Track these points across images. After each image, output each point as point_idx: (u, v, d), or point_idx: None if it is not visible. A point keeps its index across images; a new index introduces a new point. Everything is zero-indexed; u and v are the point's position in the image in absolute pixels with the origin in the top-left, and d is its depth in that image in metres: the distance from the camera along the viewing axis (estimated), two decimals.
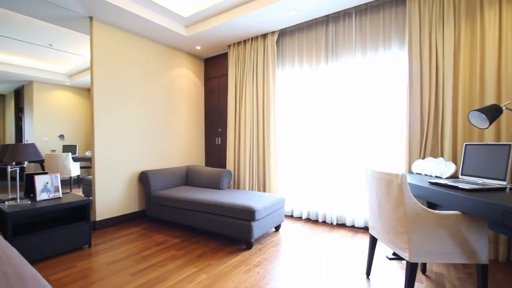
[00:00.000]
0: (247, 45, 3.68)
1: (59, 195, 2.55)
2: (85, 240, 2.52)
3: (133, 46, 3.43)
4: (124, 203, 3.33)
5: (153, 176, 3.33)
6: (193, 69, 4.29)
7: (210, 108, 4.41)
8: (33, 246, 2.18)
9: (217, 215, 2.65)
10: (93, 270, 2.12)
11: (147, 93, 3.59)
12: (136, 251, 2.48)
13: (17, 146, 2.23)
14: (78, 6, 2.78)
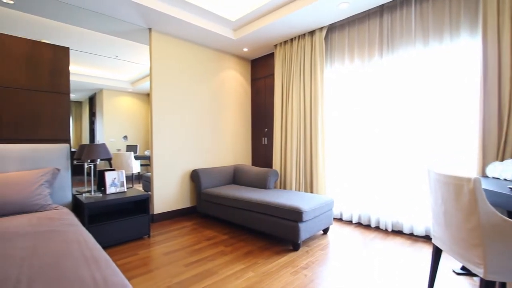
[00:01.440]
0: (293, 44, 3.63)
1: (124, 189, 2.85)
2: (145, 231, 2.77)
3: (186, 52, 3.66)
4: (178, 199, 3.57)
5: (203, 174, 3.51)
6: (240, 71, 4.40)
7: (257, 109, 4.47)
8: (103, 233, 2.47)
9: (264, 215, 2.66)
10: (152, 258, 2.32)
11: (198, 96, 3.80)
12: (188, 244, 2.63)
13: (92, 146, 2.56)
14: (140, 20, 3.08)
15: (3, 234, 1.53)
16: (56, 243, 1.39)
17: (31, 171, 2.19)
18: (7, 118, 2.29)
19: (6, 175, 2.06)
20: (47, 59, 2.49)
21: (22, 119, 2.36)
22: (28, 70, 2.39)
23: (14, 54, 2.33)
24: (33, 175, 2.16)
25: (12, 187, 2.00)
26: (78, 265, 1.14)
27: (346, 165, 3.28)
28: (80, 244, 1.37)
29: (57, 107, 2.54)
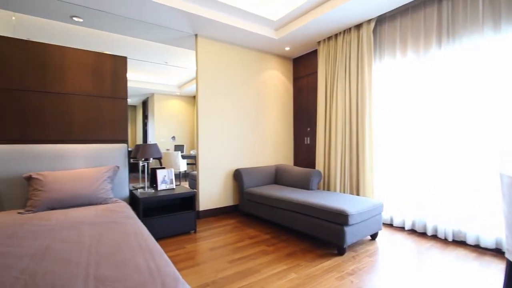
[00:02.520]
0: (338, 39, 3.48)
1: (173, 186, 3.05)
2: (191, 226, 2.91)
3: (229, 55, 3.77)
4: (221, 197, 3.69)
5: (245, 173, 3.57)
6: (282, 70, 4.38)
7: (299, 108, 4.40)
8: (155, 226, 2.66)
9: (307, 216, 2.60)
10: (198, 253, 2.43)
11: (241, 97, 3.88)
12: (231, 241, 2.70)
13: (145, 146, 2.79)
14: (187, 27, 3.26)
15: (76, 223, 1.75)
16: (117, 233, 1.54)
17: (96, 168, 2.46)
18: (77, 122, 2.61)
19: (77, 172, 2.35)
20: (108, 68, 2.78)
21: (89, 122, 2.67)
22: (94, 79, 2.70)
23: (83, 65, 2.65)
24: (98, 171, 2.42)
25: (82, 182, 2.27)
26: (136, 254, 1.24)
27: (397, 166, 3.03)
28: (137, 235, 1.50)
29: (116, 111, 2.82)
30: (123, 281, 0.99)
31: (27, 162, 2.28)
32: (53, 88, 2.50)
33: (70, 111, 2.57)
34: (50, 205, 2.11)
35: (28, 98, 2.39)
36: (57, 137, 2.52)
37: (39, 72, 2.44)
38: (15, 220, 1.80)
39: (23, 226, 1.67)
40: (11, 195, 2.19)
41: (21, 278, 1.01)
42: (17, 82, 2.35)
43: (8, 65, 2.32)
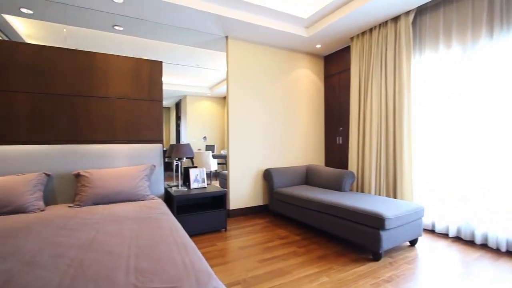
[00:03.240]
0: (373, 34, 3.32)
1: (204, 185, 3.14)
2: (222, 225, 2.97)
3: (259, 55, 3.78)
4: (251, 197, 3.72)
5: (275, 173, 3.56)
6: (313, 68, 4.29)
7: (331, 107, 4.27)
8: (187, 223, 2.75)
9: (339, 218, 2.52)
10: (229, 251, 2.47)
11: (271, 96, 3.88)
12: (261, 241, 2.70)
13: (179, 145, 2.90)
14: (218, 30, 3.34)
15: (117, 217, 1.88)
16: (154, 228, 1.62)
17: (135, 167, 2.62)
18: (118, 124, 2.80)
19: (118, 170, 2.52)
20: (146, 72, 2.94)
21: (128, 123, 2.85)
22: (133, 83, 2.88)
23: (124, 70, 2.83)
24: (136, 170, 2.58)
25: (122, 180, 2.43)
26: (171, 249, 1.29)
27: (440, 167, 2.80)
28: (172, 231, 1.56)
29: (153, 112, 2.97)
30: (160, 275, 1.04)
31: (76, 161, 2.50)
32: (98, 92, 2.71)
33: (112, 113, 2.77)
34: (95, 200, 2.29)
35: (77, 103, 2.62)
36: (101, 137, 2.72)
37: (86, 78, 2.66)
38: (66, 213, 1.99)
39: (72, 219, 1.84)
40: (63, 190, 2.42)
41: (72, 266, 1.11)
42: (68, 88, 2.58)
43: (61, 73, 2.56)
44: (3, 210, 1.97)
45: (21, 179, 2.14)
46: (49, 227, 1.65)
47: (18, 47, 2.42)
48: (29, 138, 2.44)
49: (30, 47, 2.47)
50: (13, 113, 2.38)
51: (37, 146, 2.41)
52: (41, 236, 1.49)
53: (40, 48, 2.50)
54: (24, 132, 2.42)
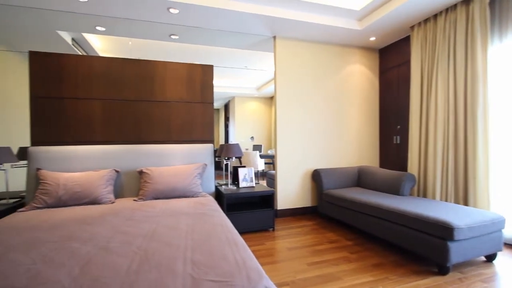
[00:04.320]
0: (438, 21, 2.97)
1: (253, 184, 3.19)
2: (270, 224, 2.98)
3: (307, 53, 3.70)
4: (299, 197, 3.66)
5: (325, 174, 3.43)
6: (366, 63, 4.02)
7: (387, 103, 3.96)
8: (236, 221, 2.83)
9: (398, 225, 2.31)
10: (277, 251, 2.47)
11: (321, 95, 3.76)
12: (310, 243, 2.63)
13: (228, 145, 3.01)
14: (266, 31, 3.37)
15: (174, 212, 2.03)
16: (206, 224, 1.70)
17: (189, 165, 2.79)
18: (174, 125, 3.03)
19: (174, 168, 2.72)
20: (198, 76, 3.12)
21: (183, 125, 3.06)
22: (187, 87, 3.08)
23: (179, 76, 3.05)
24: (190, 168, 2.75)
25: (178, 177, 2.62)
26: (223, 245, 1.34)
27: None
28: (223, 228, 1.62)
29: (204, 114, 3.14)
30: (214, 268, 1.08)
31: (139, 159, 2.78)
32: (157, 97, 2.96)
33: (169, 116, 3.00)
34: (155, 195, 2.51)
35: (140, 107, 2.91)
36: (159, 138, 2.98)
37: (148, 84, 2.94)
38: (132, 206, 2.22)
39: (137, 211, 2.04)
40: (129, 185, 2.71)
41: (138, 253, 1.23)
42: (132, 94, 2.89)
43: (126, 80, 2.88)
44: (82, 201, 2.29)
45: (97, 174, 2.46)
46: (118, 217, 1.86)
47: (94, 60, 2.80)
48: (103, 139, 2.79)
49: (103, 59, 2.83)
50: (91, 118, 2.76)
51: (108, 146, 2.74)
52: (112, 225, 1.69)
53: (111, 60, 2.84)
54: (99, 134, 2.78)
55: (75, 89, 2.71)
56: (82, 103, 2.73)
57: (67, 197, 2.25)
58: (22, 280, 1.00)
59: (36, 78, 2.61)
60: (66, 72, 2.69)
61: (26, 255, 1.22)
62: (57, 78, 2.66)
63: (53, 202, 2.22)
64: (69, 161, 2.56)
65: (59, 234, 1.51)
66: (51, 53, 2.65)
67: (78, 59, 2.75)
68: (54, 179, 2.31)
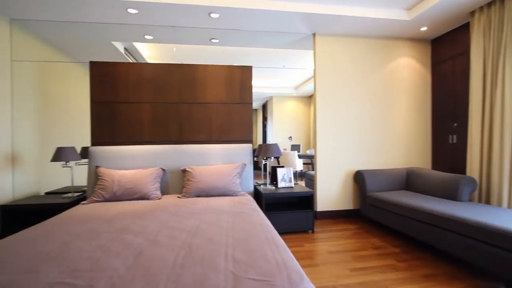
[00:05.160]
0: (507, 3, 2.60)
1: (291, 185, 3.15)
2: (309, 226, 2.91)
3: (349, 49, 3.54)
4: (340, 200, 3.51)
5: (368, 176, 3.25)
6: (415, 55, 3.71)
7: (441, 99, 3.60)
8: (275, 221, 2.82)
9: (454, 233, 2.08)
10: (317, 253, 2.40)
11: (363, 92, 3.57)
12: (352, 248, 2.51)
13: (267, 145, 3.01)
14: (305, 28, 3.30)
15: (215, 210, 2.09)
16: (246, 223, 1.73)
17: (229, 165, 2.86)
18: (215, 126, 3.13)
19: (215, 167, 2.81)
20: (237, 78, 3.18)
21: (223, 125, 3.15)
22: (227, 89, 3.16)
23: (219, 78, 3.15)
24: (230, 167, 2.82)
25: (218, 176, 2.70)
26: (262, 244, 1.34)
27: None
28: (262, 227, 1.63)
29: (243, 115, 3.19)
30: (254, 267, 1.09)
31: (182, 158, 2.93)
32: (199, 99, 3.10)
33: (209, 117, 3.12)
34: (197, 193, 2.62)
35: (183, 109, 3.07)
36: (201, 138, 3.10)
37: (190, 87, 3.08)
38: (176, 202, 2.35)
39: (181, 208, 2.15)
40: (173, 183, 2.88)
41: (183, 247, 1.30)
42: (176, 97, 3.06)
43: (171, 84, 3.05)
44: (133, 197, 2.50)
45: (145, 172, 2.65)
46: (165, 213, 1.99)
47: (143, 67, 3.03)
48: (150, 139, 3.01)
49: (151, 66, 3.05)
50: (141, 120, 2.99)
51: (155, 146, 2.94)
52: (159, 219, 1.81)
53: (157, 66, 3.05)
54: (147, 134, 3.00)
55: (127, 94, 2.96)
56: (133, 107, 2.97)
57: (120, 193, 2.47)
58: (86, 265, 1.12)
59: (95, 85, 2.91)
60: (120, 78, 2.95)
61: (88, 244, 1.36)
62: (112, 85, 2.94)
63: (109, 197, 2.45)
64: (122, 160, 2.80)
65: (115, 226, 1.66)
66: (107, 62, 2.94)
67: (130, 66, 3.00)
68: (110, 176, 2.55)
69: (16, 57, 3.00)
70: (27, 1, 2.62)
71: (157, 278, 1.01)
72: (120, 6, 2.75)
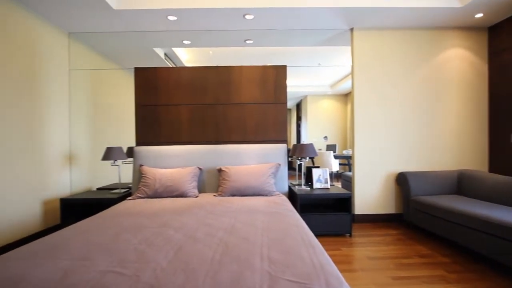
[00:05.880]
0: None
1: (327, 186, 3.05)
2: (346, 229, 2.79)
3: (389, 42, 3.33)
4: (380, 203, 3.31)
5: (413, 178, 3.01)
6: (468, 45, 3.35)
7: (501, 93, 3.21)
8: (310, 222, 2.74)
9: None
10: (355, 259, 2.29)
11: (406, 88, 3.33)
12: (394, 255, 2.35)
13: (303, 145, 2.96)
14: (342, 23, 3.19)
15: (250, 209, 2.11)
16: (281, 223, 1.71)
17: (263, 165, 2.87)
18: (249, 126, 3.16)
19: (249, 167, 2.84)
20: (271, 77, 3.18)
21: (257, 125, 3.17)
22: (261, 89, 3.17)
23: (254, 78, 3.17)
24: (265, 167, 2.82)
25: (253, 176, 2.72)
26: (298, 245, 1.31)
27: None
28: (298, 228, 1.60)
29: (278, 115, 3.17)
30: (291, 268, 1.07)
31: (218, 158, 3.01)
32: (234, 100, 3.15)
33: (244, 117, 3.16)
34: (232, 192, 2.67)
35: (219, 110, 3.15)
36: (235, 138, 3.16)
37: (225, 88, 3.16)
38: (212, 201, 2.42)
39: (217, 206, 2.21)
40: (209, 182, 2.97)
41: (220, 245, 1.33)
42: (212, 98, 3.15)
43: (207, 86, 3.16)
44: (172, 194, 2.63)
45: (184, 171, 2.77)
46: (202, 210, 2.05)
47: (181, 71, 3.18)
48: (188, 140, 3.14)
49: (189, 69, 3.19)
50: (179, 121, 3.13)
51: (193, 146, 3.07)
52: (197, 216, 1.88)
53: (195, 69, 3.17)
54: (185, 135, 3.14)
55: (167, 96, 3.13)
56: (172, 109, 3.13)
57: (161, 190, 2.62)
58: (132, 257, 1.20)
59: (139, 89, 3.13)
60: (161, 82, 3.14)
61: (134, 237, 1.46)
62: (154, 88, 3.13)
63: (152, 194, 2.61)
64: (163, 159, 2.97)
65: (157, 221, 1.76)
66: (149, 68, 3.14)
67: (169, 70, 3.17)
68: (152, 174, 2.72)
69: (73, 67, 3.35)
70: (83, 16, 2.90)
71: (196, 273, 1.04)
72: (161, 14, 2.91)
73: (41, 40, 2.87)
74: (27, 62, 2.68)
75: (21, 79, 2.60)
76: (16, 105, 2.53)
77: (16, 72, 2.54)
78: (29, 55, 2.70)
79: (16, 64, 2.55)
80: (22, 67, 2.62)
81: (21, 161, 2.58)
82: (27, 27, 2.69)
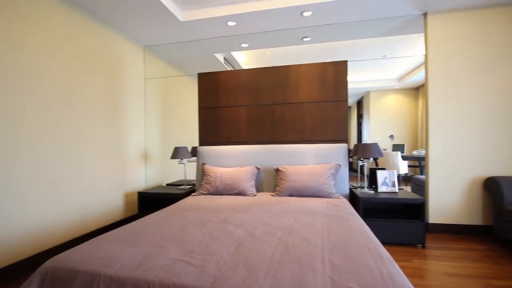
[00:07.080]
0: None
1: (395, 190, 2.77)
2: (419, 239, 2.49)
3: (472, 25, 2.84)
4: (461, 212, 2.86)
5: (507, 184, 2.52)
6: None
7: None
8: (374, 228, 2.53)
9: None
10: (430, 273, 2.02)
11: (496, 77, 2.79)
12: (481, 274, 2.00)
13: (366, 145, 2.75)
14: (413, 9, 2.85)
15: (308, 210, 2.06)
16: (343, 227, 1.62)
17: (322, 165, 2.77)
18: (307, 125, 3.09)
19: (307, 167, 2.77)
20: (331, 74, 3.04)
21: (316, 125, 3.07)
22: (319, 87, 3.07)
23: (312, 76, 3.09)
24: (323, 168, 2.72)
25: (311, 176, 2.65)
26: (363, 252, 1.22)
27: None
28: (362, 234, 1.49)
29: (338, 113, 3.02)
30: (355, 276, 1.00)
31: (275, 158, 3.02)
32: (291, 99, 3.12)
33: (302, 116, 3.10)
34: (290, 192, 2.65)
35: (275, 110, 3.16)
36: (293, 138, 3.12)
37: (282, 88, 3.15)
38: (270, 200, 2.44)
39: (275, 206, 2.21)
40: (267, 181, 3.00)
41: (279, 244, 1.33)
42: (269, 99, 3.18)
43: (264, 87, 3.20)
44: (232, 192, 2.74)
45: (242, 170, 2.87)
46: (260, 209, 2.09)
47: (240, 73, 3.29)
48: (246, 140, 3.23)
49: (246, 71, 3.28)
50: (238, 122, 3.26)
51: (250, 146, 3.14)
52: (255, 215, 1.92)
53: (252, 71, 3.25)
54: (244, 135, 3.24)
55: (227, 99, 3.29)
56: (231, 110, 3.27)
57: (222, 188, 2.75)
58: (198, 248, 1.29)
59: (202, 93, 3.36)
60: (221, 85, 3.31)
61: (199, 230, 1.57)
62: (214, 91, 3.32)
63: (213, 191, 2.77)
64: (222, 158, 3.12)
65: (218, 217, 1.86)
66: (211, 72, 3.34)
67: (229, 74, 3.32)
68: (213, 172, 2.89)
69: (147, 76, 3.80)
70: (155, 30, 3.27)
71: (256, 269, 1.06)
72: (222, 21, 3.07)
73: (123, 54, 3.34)
74: (109, 74, 3.13)
75: (105, 90, 3.07)
76: (100, 112, 2.98)
77: (100, 84, 2.99)
78: (112, 67, 3.16)
79: (100, 77, 3.00)
80: (106, 79, 3.08)
81: (109, 160, 3.05)
82: (110, 43, 3.16)
